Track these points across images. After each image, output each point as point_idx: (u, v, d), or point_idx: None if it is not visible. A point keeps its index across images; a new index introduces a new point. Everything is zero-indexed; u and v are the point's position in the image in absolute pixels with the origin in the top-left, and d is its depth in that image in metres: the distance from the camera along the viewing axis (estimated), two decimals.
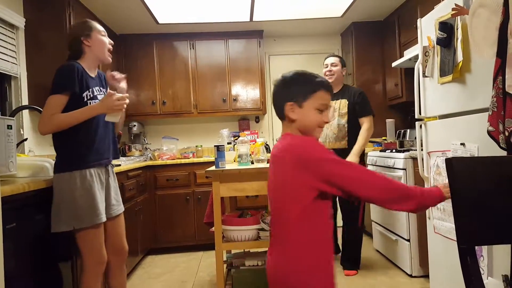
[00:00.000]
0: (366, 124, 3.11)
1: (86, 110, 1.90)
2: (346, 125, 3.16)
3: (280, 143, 1.38)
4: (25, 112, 2.97)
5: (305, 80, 1.36)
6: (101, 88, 2.07)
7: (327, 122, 1.36)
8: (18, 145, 2.50)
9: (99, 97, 2.01)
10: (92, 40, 2.01)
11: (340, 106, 3.19)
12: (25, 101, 2.96)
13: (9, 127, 1.85)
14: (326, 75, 3.20)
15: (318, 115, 1.33)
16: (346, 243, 3.21)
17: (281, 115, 1.39)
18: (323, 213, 1.32)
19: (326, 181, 1.24)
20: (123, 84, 2.16)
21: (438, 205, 2.28)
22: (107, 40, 2.08)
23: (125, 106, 1.95)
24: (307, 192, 1.27)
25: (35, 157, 2.63)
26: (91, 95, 1.97)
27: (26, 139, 2.77)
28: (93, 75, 2.05)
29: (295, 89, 1.35)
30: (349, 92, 3.22)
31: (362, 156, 3.13)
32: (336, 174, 1.24)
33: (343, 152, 3.03)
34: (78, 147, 1.90)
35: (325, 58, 3.32)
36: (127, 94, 2.01)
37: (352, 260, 3.18)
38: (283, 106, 1.36)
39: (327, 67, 3.25)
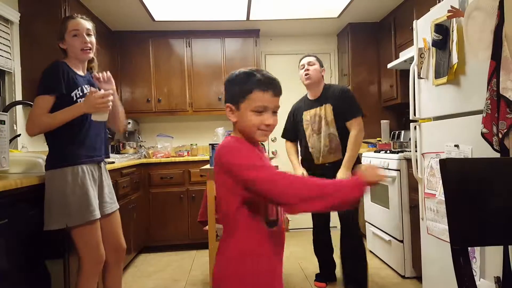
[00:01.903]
0: (354, 129, 2.65)
1: (70, 109, 1.85)
2: (336, 133, 2.71)
3: (219, 144, 1.31)
4: (19, 108, 2.94)
5: (243, 80, 1.25)
6: (91, 87, 2.02)
7: (269, 125, 1.23)
8: (11, 140, 2.47)
9: None
10: (66, 43, 1.97)
11: (326, 113, 2.73)
12: (19, 97, 2.93)
13: (2, 122, 1.84)
14: (304, 77, 2.80)
15: (256, 118, 1.22)
16: (346, 259, 2.75)
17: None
18: (253, 225, 1.23)
19: (245, 188, 1.17)
20: (110, 85, 2.08)
21: (431, 207, 2.29)
22: (79, 40, 1.96)
23: (110, 104, 1.89)
24: (232, 198, 1.21)
25: (28, 153, 2.60)
26: (81, 93, 1.93)
27: (19, 135, 2.75)
28: (81, 74, 2.01)
29: (234, 90, 1.26)
30: (332, 94, 2.76)
31: (356, 160, 2.69)
32: (250, 179, 1.14)
33: (339, 165, 2.65)
34: (70, 143, 1.88)
35: (300, 59, 2.89)
36: (111, 91, 1.95)
37: (357, 280, 2.69)
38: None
39: (303, 67, 2.81)
